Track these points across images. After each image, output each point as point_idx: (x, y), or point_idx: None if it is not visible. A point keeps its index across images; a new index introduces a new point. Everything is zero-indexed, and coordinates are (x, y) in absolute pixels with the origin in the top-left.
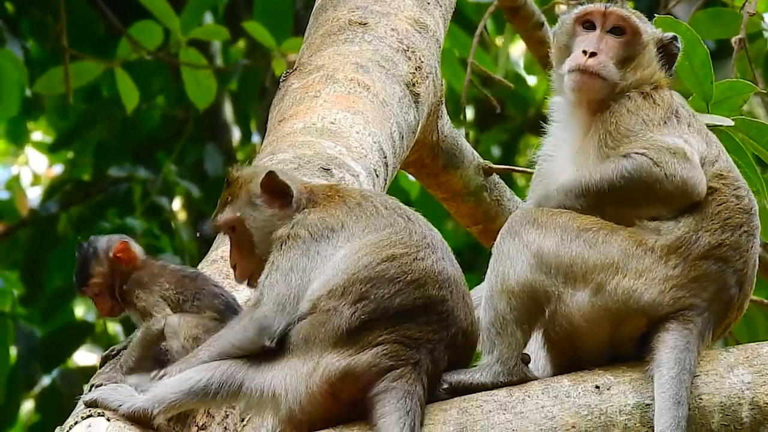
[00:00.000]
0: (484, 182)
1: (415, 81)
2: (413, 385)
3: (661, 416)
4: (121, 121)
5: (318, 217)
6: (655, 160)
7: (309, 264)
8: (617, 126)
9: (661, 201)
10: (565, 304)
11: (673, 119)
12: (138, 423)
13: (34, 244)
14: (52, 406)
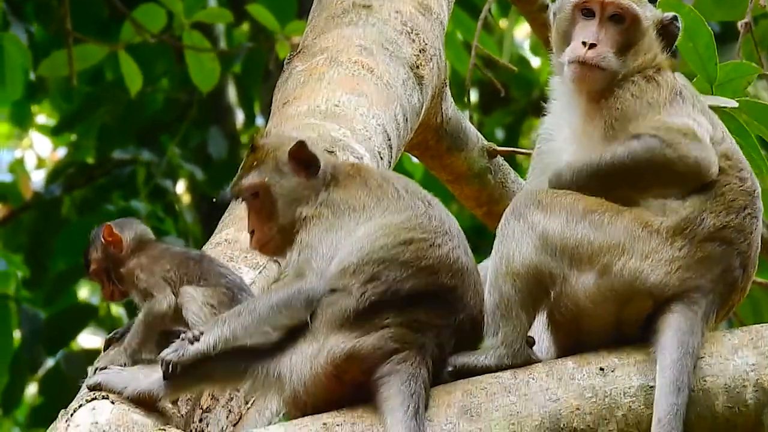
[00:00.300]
0: (489, 164)
1: (419, 63)
2: (418, 368)
3: (660, 403)
4: (125, 104)
5: (340, 197)
6: (667, 141)
7: (335, 238)
8: (623, 111)
9: (673, 182)
10: (571, 286)
11: (678, 99)
12: (143, 405)
13: (37, 227)
14: (56, 388)
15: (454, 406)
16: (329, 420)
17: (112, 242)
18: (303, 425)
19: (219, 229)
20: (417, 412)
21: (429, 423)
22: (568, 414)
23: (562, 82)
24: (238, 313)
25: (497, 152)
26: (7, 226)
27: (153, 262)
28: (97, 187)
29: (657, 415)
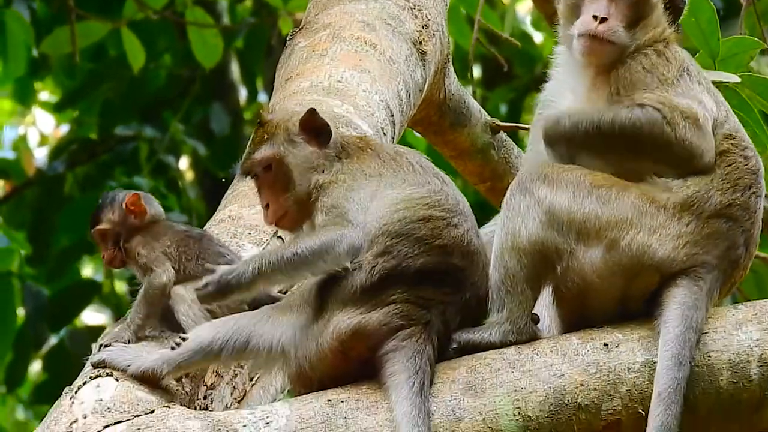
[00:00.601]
0: (492, 140)
1: (421, 39)
2: (423, 344)
3: (661, 377)
4: (128, 81)
5: (356, 167)
6: (668, 119)
7: (359, 197)
8: (631, 81)
9: (667, 161)
10: (578, 261)
11: (685, 76)
12: (147, 383)
13: (40, 204)
14: (60, 365)
15: (458, 382)
16: (334, 396)
17: (135, 212)
18: (308, 401)
19: (222, 205)
20: (422, 388)
21: (434, 399)
22: (572, 390)
23: (569, 53)
24: (276, 252)
25: (500, 128)
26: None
27: (155, 239)
28: (100, 163)
29: (657, 388)
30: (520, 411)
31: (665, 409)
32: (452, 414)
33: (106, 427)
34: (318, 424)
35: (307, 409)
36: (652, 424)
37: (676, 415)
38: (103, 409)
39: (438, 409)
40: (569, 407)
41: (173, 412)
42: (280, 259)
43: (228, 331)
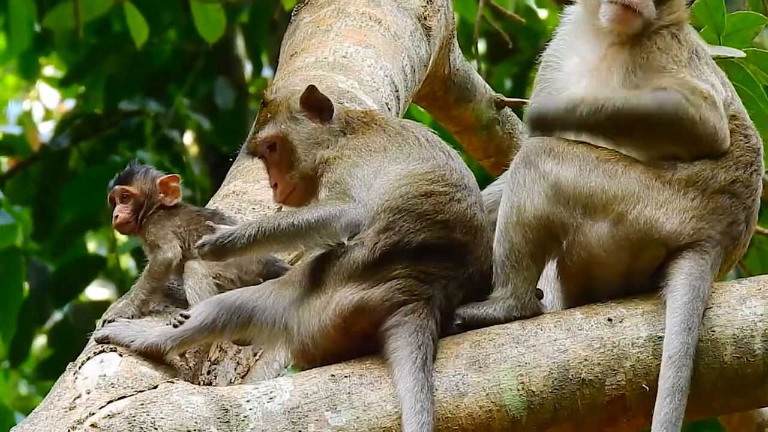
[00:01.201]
0: (497, 115)
1: (426, 14)
2: (426, 319)
3: (672, 341)
4: (132, 56)
5: (360, 141)
6: (691, 100)
7: (363, 174)
8: (648, 61)
9: (687, 142)
10: (584, 235)
11: (695, 59)
12: (151, 358)
13: (45, 179)
14: (64, 340)
15: (462, 357)
16: (337, 371)
17: (169, 192)
18: (311, 377)
19: (227, 180)
20: (425, 363)
21: (437, 374)
22: (576, 365)
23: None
24: (275, 220)
25: (505, 103)
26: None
27: (168, 218)
28: (105, 138)
29: (667, 352)
30: (524, 386)
31: (676, 372)
32: (456, 389)
33: (110, 402)
34: (321, 399)
35: (311, 384)
36: (664, 385)
37: (687, 377)
38: (107, 384)
39: (442, 384)
40: (573, 382)
41: (177, 388)
42: (276, 228)
43: (231, 306)
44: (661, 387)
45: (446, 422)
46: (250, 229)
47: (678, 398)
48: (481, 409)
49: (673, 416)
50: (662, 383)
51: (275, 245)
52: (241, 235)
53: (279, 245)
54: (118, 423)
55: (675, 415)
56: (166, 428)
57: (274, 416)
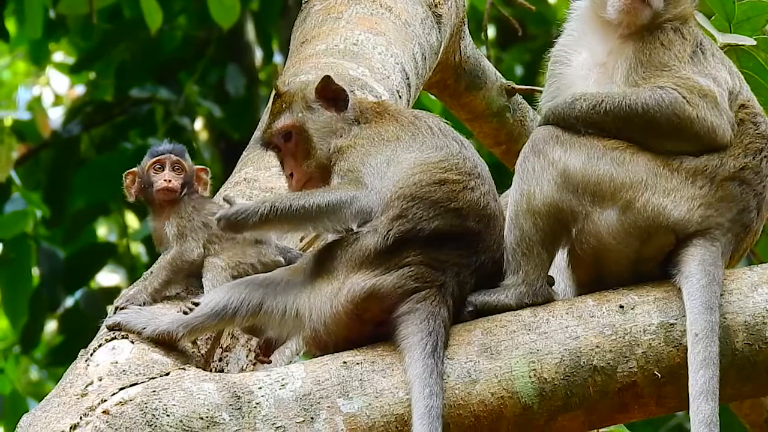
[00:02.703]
0: (507, 103)
1: (437, 2)
2: (437, 306)
3: (695, 321)
4: (144, 42)
5: (374, 131)
6: (689, 99)
7: (376, 162)
8: (650, 57)
9: (687, 140)
10: (593, 223)
11: (699, 53)
12: (162, 345)
13: (56, 166)
14: (75, 327)
15: (474, 344)
16: (349, 358)
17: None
18: (323, 363)
19: (238, 168)
20: (435, 349)
21: (449, 361)
22: (588, 352)
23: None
24: (288, 200)
25: (516, 90)
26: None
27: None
28: (116, 125)
29: (693, 330)
30: (536, 373)
31: (706, 346)
32: (468, 376)
33: (122, 389)
34: (333, 386)
35: (323, 371)
36: (694, 359)
37: (716, 352)
38: (119, 371)
39: (453, 371)
40: (585, 369)
41: (188, 374)
42: (288, 209)
43: (242, 293)
44: (693, 361)
45: (458, 409)
46: (263, 207)
47: (712, 369)
48: (492, 396)
49: (710, 386)
50: (693, 358)
51: (286, 225)
52: (254, 212)
53: (290, 226)
54: (130, 410)
55: (712, 384)
56: (177, 415)
57: (285, 403)
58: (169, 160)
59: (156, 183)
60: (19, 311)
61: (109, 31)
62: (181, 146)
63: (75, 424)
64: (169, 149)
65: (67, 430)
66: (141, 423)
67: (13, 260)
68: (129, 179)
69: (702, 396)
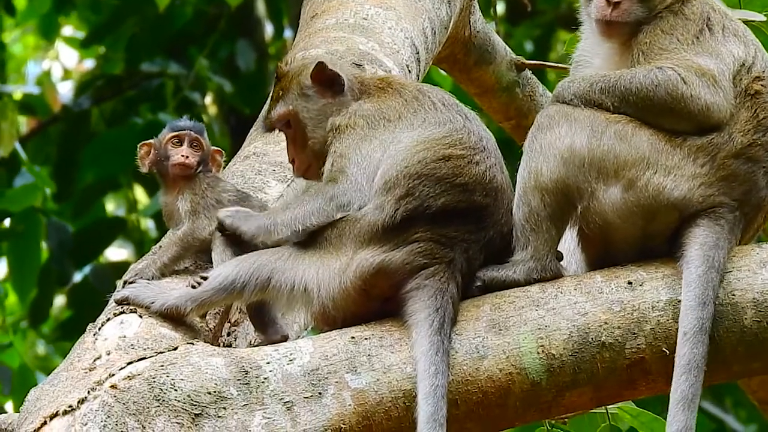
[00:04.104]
0: (517, 78)
1: None
2: (446, 283)
3: (685, 317)
4: (154, 16)
5: (374, 107)
6: (684, 77)
7: (371, 149)
8: (650, 45)
9: (682, 118)
10: (598, 200)
11: (705, 32)
12: (170, 320)
13: (66, 140)
14: (84, 301)
15: (482, 319)
16: (357, 333)
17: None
18: (331, 339)
19: (247, 142)
20: (442, 326)
21: (457, 336)
22: (596, 328)
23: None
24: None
25: (525, 65)
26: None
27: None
28: (126, 99)
29: (682, 328)
30: (544, 349)
31: (692, 348)
32: (476, 352)
33: (130, 363)
34: (341, 361)
35: (331, 346)
36: (679, 362)
37: (703, 353)
38: (127, 345)
39: (462, 346)
40: (593, 345)
41: (197, 349)
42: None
43: (250, 268)
44: (677, 364)
45: (466, 384)
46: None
47: (694, 375)
48: (501, 372)
49: (690, 393)
50: (678, 360)
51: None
52: (244, 231)
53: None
54: (138, 384)
55: (692, 392)
56: (186, 389)
57: (294, 378)
58: (188, 137)
59: (173, 157)
60: (28, 285)
61: (119, 5)
62: (201, 124)
63: (83, 398)
64: (190, 126)
65: (75, 404)
66: (149, 397)
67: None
68: (144, 150)
69: (680, 404)
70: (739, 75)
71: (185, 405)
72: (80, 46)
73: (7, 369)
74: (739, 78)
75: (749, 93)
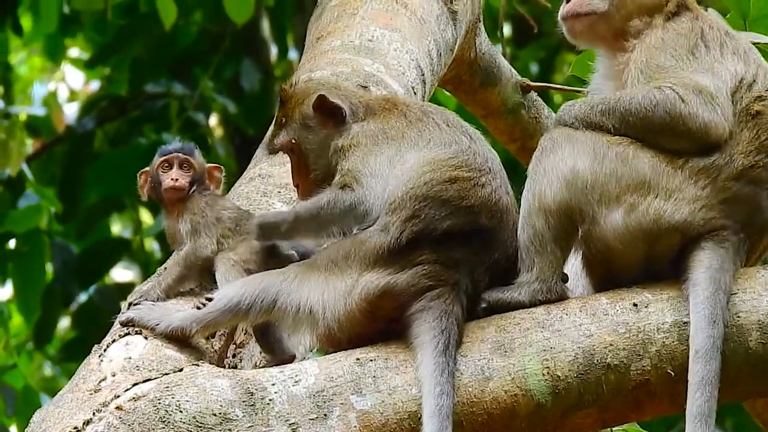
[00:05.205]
0: (522, 99)
1: None
2: (451, 305)
3: (697, 336)
4: (158, 37)
5: (378, 126)
6: (682, 96)
7: (377, 163)
8: (647, 64)
9: (682, 137)
10: (599, 225)
11: (700, 47)
12: (176, 341)
13: (70, 160)
14: (88, 322)
15: (487, 341)
16: (363, 355)
17: (213, 179)
18: (336, 360)
19: (253, 163)
20: (447, 347)
21: (463, 358)
22: (601, 350)
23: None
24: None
25: (531, 87)
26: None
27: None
28: (130, 120)
29: (694, 347)
30: (549, 371)
31: (704, 365)
32: (481, 373)
33: (135, 385)
34: (347, 382)
35: (336, 367)
36: (693, 379)
37: (716, 370)
38: (132, 367)
39: (467, 368)
40: (598, 367)
41: (202, 371)
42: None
43: (255, 289)
44: (691, 381)
45: (471, 406)
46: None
47: (708, 390)
48: (506, 393)
49: (706, 408)
50: (692, 377)
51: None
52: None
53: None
54: (143, 405)
55: (707, 407)
56: (191, 411)
57: (299, 399)
58: (177, 159)
59: (164, 182)
60: (33, 306)
61: (124, 26)
62: (190, 144)
63: (88, 419)
64: (177, 148)
65: (80, 425)
66: (154, 419)
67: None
68: (142, 179)
69: (697, 419)
70: (739, 92)
71: (191, 426)
72: (85, 67)
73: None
74: (739, 95)
75: (750, 113)
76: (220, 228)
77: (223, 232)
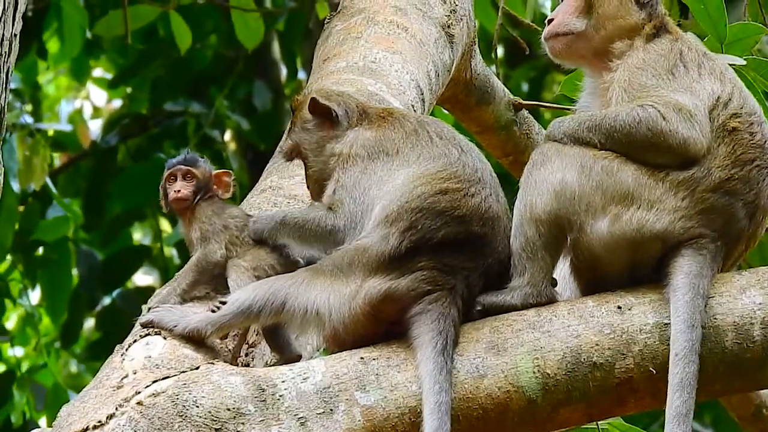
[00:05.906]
0: (514, 117)
1: (450, 23)
2: (448, 307)
3: (677, 340)
4: (176, 60)
5: (373, 136)
6: (663, 114)
7: (370, 183)
8: (630, 83)
9: (663, 152)
10: (586, 234)
11: (679, 67)
12: (192, 342)
13: (95, 174)
14: (112, 324)
15: (482, 341)
16: (366, 354)
17: (221, 186)
18: (342, 359)
19: (264, 176)
20: (445, 347)
21: (459, 357)
22: (588, 349)
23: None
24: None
25: (522, 106)
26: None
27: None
28: (150, 136)
29: (674, 350)
30: (540, 369)
31: (684, 367)
32: (476, 371)
33: (155, 381)
34: (351, 379)
35: (342, 366)
36: (672, 381)
37: (694, 372)
38: (152, 365)
39: (463, 366)
40: (585, 365)
41: (217, 368)
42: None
43: (266, 293)
44: (671, 383)
45: (467, 402)
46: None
47: (687, 392)
48: (499, 390)
49: (684, 409)
50: (671, 379)
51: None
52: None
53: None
54: (162, 401)
55: (686, 407)
56: (207, 406)
57: (307, 395)
58: (179, 171)
59: (169, 194)
60: (60, 309)
61: (144, 50)
62: (192, 155)
63: (111, 414)
64: (180, 160)
65: (104, 419)
66: (172, 413)
67: (54, 262)
68: (161, 193)
69: (676, 419)
70: (716, 110)
71: (206, 420)
72: (108, 87)
73: (41, 387)
74: (716, 113)
75: (727, 129)
76: (227, 234)
77: (231, 239)
